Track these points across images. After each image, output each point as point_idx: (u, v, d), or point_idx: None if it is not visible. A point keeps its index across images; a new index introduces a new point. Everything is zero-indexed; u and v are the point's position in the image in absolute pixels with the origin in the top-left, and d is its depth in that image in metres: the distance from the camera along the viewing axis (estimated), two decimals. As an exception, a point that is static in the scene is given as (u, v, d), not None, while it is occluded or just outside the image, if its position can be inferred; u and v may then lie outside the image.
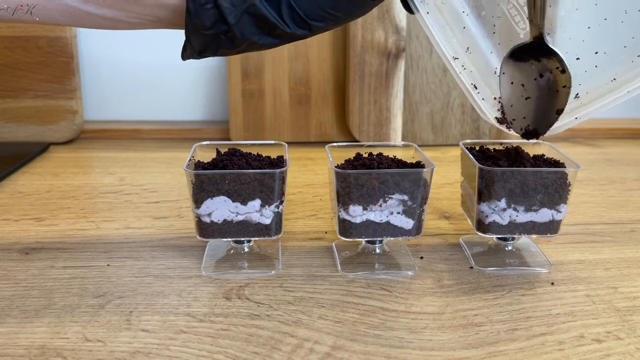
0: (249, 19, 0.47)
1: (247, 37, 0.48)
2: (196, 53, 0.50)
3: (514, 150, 0.58)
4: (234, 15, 0.46)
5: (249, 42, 0.48)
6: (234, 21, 0.46)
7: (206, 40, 0.48)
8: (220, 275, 0.54)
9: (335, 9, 0.47)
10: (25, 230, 0.64)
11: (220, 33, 0.47)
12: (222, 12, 0.46)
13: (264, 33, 0.48)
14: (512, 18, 0.51)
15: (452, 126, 0.98)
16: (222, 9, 0.46)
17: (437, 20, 0.51)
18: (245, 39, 0.48)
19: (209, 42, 0.48)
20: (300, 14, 0.47)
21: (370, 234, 0.54)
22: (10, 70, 0.94)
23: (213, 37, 0.48)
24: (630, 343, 0.45)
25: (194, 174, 0.51)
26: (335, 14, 0.47)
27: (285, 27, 0.47)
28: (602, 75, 0.50)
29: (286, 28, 0.47)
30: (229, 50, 0.49)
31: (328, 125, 0.99)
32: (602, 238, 0.64)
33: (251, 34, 0.47)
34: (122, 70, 1.05)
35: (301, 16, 0.47)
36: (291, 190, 0.77)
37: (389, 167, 0.54)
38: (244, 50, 0.49)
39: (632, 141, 1.04)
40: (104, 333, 0.45)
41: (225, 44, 0.48)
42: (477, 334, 0.46)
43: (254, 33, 0.47)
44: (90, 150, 0.95)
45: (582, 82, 0.50)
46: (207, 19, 0.46)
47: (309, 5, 0.47)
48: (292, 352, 0.43)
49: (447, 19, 0.52)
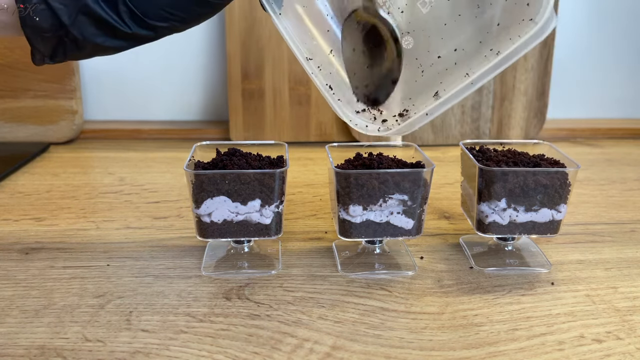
0: (85, 19, 0.46)
1: (90, 38, 0.47)
2: (47, 58, 0.49)
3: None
4: (67, 15, 0.46)
5: (93, 45, 0.47)
6: (68, 22, 0.46)
7: (52, 44, 0.47)
8: (220, 275, 0.54)
9: (174, 7, 0.46)
10: (25, 230, 0.64)
11: (61, 36, 0.47)
12: (56, 13, 0.45)
13: (108, 35, 0.47)
14: None
15: (452, 126, 0.98)
16: (54, 9, 0.45)
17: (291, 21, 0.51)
18: (88, 41, 0.47)
19: (55, 46, 0.47)
20: (138, 13, 0.46)
21: (370, 234, 0.54)
22: (10, 70, 0.94)
23: (58, 40, 0.47)
24: (630, 343, 0.45)
25: (194, 174, 0.51)
26: (177, 14, 0.47)
27: (125, 27, 0.46)
28: (460, 71, 0.49)
29: (126, 29, 0.46)
30: (77, 53, 0.48)
31: (328, 125, 0.99)
32: (602, 238, 0.64)
33: (92, 35, 0.47)
34: (122, 70, 1.05)
35: (140, 16, 0.46)
36: (291, 190, 0.77)
37: (389, 167, 0.54)
38: (91, 53, 0.49)
39: (632, 141, 1.04)
40: (104, 333, 0.45)
41: (70, 47, 0.48)
42: (477, 334, 0.46)
43: (96, 34, 0.47)
44: (90, 150, 0.95)
45: (442, 81, 0.50)
46: (42, 21, 0.46)
47: (146, 4, 0.46)
48: (292, 352, 0.43)
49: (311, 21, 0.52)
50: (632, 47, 1.10)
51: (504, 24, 0.47)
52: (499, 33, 0.47)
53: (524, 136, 1.01)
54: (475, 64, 0.48)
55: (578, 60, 1.10)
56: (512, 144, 0.61)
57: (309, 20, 0.52)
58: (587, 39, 1.09)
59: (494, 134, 0.99)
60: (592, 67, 1.11)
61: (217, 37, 1.04)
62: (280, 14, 0.51)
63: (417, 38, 0.50)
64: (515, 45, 0.46)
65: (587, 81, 1.12)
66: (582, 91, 1.12)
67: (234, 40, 0.94)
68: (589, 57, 1.10)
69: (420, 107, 0.51)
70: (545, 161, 0.56)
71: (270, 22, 0.53)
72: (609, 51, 1.10)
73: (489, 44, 0.47)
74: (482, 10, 0.47)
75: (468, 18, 0.48)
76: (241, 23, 0.94)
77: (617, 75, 1.12)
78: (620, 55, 1.11)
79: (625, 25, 1.09)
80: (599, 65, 1.11)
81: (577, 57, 1.10)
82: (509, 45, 0.46)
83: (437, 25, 0.49)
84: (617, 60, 1.11)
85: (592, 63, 1.11)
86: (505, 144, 0.61)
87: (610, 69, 1.11)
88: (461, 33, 0.48)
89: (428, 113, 0.49)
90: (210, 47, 1.05)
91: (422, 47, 0.50)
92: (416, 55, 0.50)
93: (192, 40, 1.04)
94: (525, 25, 0.45)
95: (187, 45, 1.03)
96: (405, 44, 0.50)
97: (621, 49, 1.10)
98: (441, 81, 0.50)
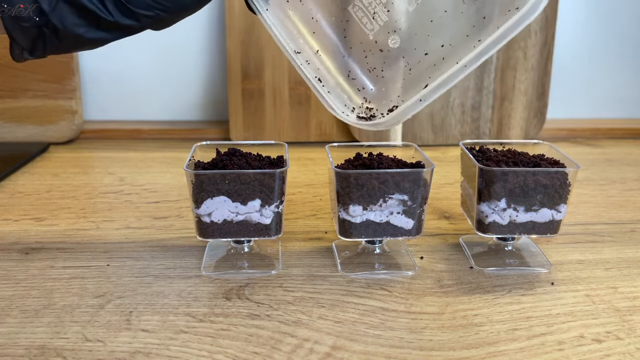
0: (66, 7, 0.45)
1: (70, 29, 0.46)
2: (27, 52, 0.48)
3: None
4: (47, 2, 0.45)
5: (74, 36, 0.46)
6: (48, 9, 0.45)
7: (31, 35, 0.46)
8: (220, 275, 0.54)
9: None
10: (25, 230, 0.64)
11: (40, 25, 0.45)
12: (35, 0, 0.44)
13: (91, 25, 0.46)
14: (360, 20, 0.51)
15: (452, 126, 0.98)
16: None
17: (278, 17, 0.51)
18: (69, 30, 0.46)
19: (35, 38, 0.46)
20: (122, 0, 0.45)
21: (370, 234, 0.54)
22: (9, 70, 0.94)
23: (37, 31, 0.46)
24: (630, 343, 0.45)
25: (194, 174, 0.51)
26: (162, 3, 0.46)
27: (108, 15, 0.45)
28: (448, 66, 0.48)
29: (109, 16, 0.45)
30: (57, 46, 0.47)
31: (328, 125, 0.99)
32: (602, 238, 0.64)
33: (74, 25, 0.46)
34: (122, 70, 1.05)
35: (123, 3, 0.45)
36: (291, 190, 0.77)
37: (389, 167, 0.54)
38: (72, 45, 0.47)
39: (632, 141, 1.04)
40: (104, 333, 0.45)
41: (50, 39, 0.46)
42: (477, 334, 0.46)
43: (78, 24, 0.46)
44: (90, 150, 0.95)
45: (431, 76, 0.49)
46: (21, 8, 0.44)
47: None
48: (292, 352, 0.43)
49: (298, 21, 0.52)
50: (632, 47, 1.10)
51: (491, 16, 0.47)
52: (486, 26, 0.47)
53: (524, 136, 1.01)
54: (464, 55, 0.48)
55: (578, 60, 1.10)
56: (512, 144, 0.61)
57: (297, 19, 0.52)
58: (587, 39, 1.09)
59: (494, 134, 0.99)
60: (592, 67, 1.11)
61: (217, 37, 1.04)
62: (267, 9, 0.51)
63: (403, 36, 0.50)
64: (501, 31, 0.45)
65: (587, 81, 1.12)
66: (582, 91, 1.12)
67: (234, 40, 0.94)
68: (589, 57, 1.10)
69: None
70: (545, 161, 0.56)
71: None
72: (609, 51, 1.10)
73: (476, 37, 0.47)
74: (467, 6, 0.47)
75: (454, 14, 0.48)
76: (241, 23, 0.94)
77: (617, 75, 1.12)
78: (620, 55, 1.11)
79: (625, 25, 1.09)
80: (599, 65, 1.11)
81: (577, 57, 1.10)
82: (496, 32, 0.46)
83: (424, 23, 0.49)
84: (617, 60, 1.11)
85: (592, 63, 1.11)
86: (505, 144, 0.61)
87: (610, 69, 1.11)
88: (448, 29, 0.48)
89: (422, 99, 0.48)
90: (210, 47, 1.05)
91: (409, 45, 0.50)
92: (403, 54, 0.50)
93: (192, 40, 1.04)
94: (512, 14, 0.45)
95: (187, 45, 1.03)
96: (391, 44, 0.50)
97: (621, 48, 1.10)
98: (429, 76, 0.49)
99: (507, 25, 0.45)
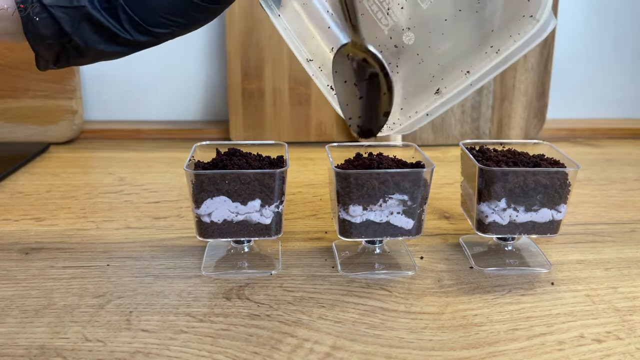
0: (87, 27, 0.47)
1: (92, 45, 0.48)
2: (51, 63, 0.49)
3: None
4: (70, 24, 0.46)
5: (96, 51, 0.48)
6: (71, 30, 0.47)
7: (55, 51, 0.48)
8: (220, 275, 0.54)
9: (172, 14, 0.47)
10: (25, 230, 0.64)
11: (64, 43, 0.47)
12: (58, 21, 0.46)
13: (109, 41, 0.48)
14: (375, 15, 0.51)
15: (452, 126, 0.98)
16: (56, 18, 0.46)
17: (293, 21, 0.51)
18: (91, 47, 0.48)
19: (59, 52, 0.48)
20: (138, 20, 0.47)
21: (370, 234, 0.54)
22: (10, 70, 0.94)
23: (61, 47, 0.48)
24: (630, 343, 0.45)
25: (194, 174, 0.51)
26: (176, 20, 0.47)
27: (126, 34, 0.47)
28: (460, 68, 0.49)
29: (127, 35, 0.47)
30: (80, 59, 0.49)
31: (328, 125, 0.99)
32: (602, 238, 0.64)
33: (95, 42, 0.48)
34: (122, 70, 1.05)
35: (140, 23, 0.47)
36: (291, 190, 0.77)
37: (389, 167, 0.54)
38: (94, 59, 0.50)
39: (632, 141, 1.04)
40: (104, 333, 0.45)
41: (73, 53, 0.48)
42: (477, 334, 0.46)
43: (98, 41, 0.48)
44: (90, 150, 0.95)
45: (444, 77, 0.50)
46: (45, 29, 0.46)
47: (145, 12, 0.47)
48: (292, 352, 0.43)
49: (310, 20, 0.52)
50: (632, 47, 1.10)
51: (505, 20, 0.47)
52: (500, 29, 0.47)
53: (524, 136, 1.01)
54: (476, 61, 0.49)
55: (578, 60, 1.10)
56: (512, 144, 0.61)
57: (308, 18, 0.52)
58: (587, 39, 1.09)
59: (494, 134, 0.99)
60: (592, 67, 1.11)
61: (217, 37, 1.04)
62: (280, 15, 0.51)
63: (417, 34, 0.50)
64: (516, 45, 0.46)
65: (587, 81, 1.12)
66: (582, 91, 1.12)
67: (234, 41, 0.94)
68: (589, 57, 1.10)
69: (421, 103, 0.51)
70: (545, 161, 0.56)
71: (270, 22, 0.52)
72: (609, 51, 1.10)
73: (489, 41, 0.48)
74: (482, 6, 0.47)
75: (468, 13, 0.48)
76: (241, 23, 0.94)
77: (617, 75, 1.12)
78: (620, 55, 1.11)
79: (625, 25, 1.09)
80: (599, 65, 1.11)
81: (577, 57, 1.10)
82: (509, 42, 0.47)
83: (438, 21, 0.49)
84: (617, 60, 1.11)
85: (592, 63, 1.11)
86: (505, 144, 0.61)
87: (610, 69, 1.11)
88: (462, 28, 0.49)
89: (429, 113, 0.50)
90: (210, 47, 1.05)
91: (423, 43, 0.50)
92: (417, 51, 0.50)
93: (192, 41, 1.04)
94: (526, 22, 0.46)
95: (187, 45, 1.03)
96: (406, 40, 0.50)
97: (621, 49, 1.10)
98: (442, 77, 0.50)
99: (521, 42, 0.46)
